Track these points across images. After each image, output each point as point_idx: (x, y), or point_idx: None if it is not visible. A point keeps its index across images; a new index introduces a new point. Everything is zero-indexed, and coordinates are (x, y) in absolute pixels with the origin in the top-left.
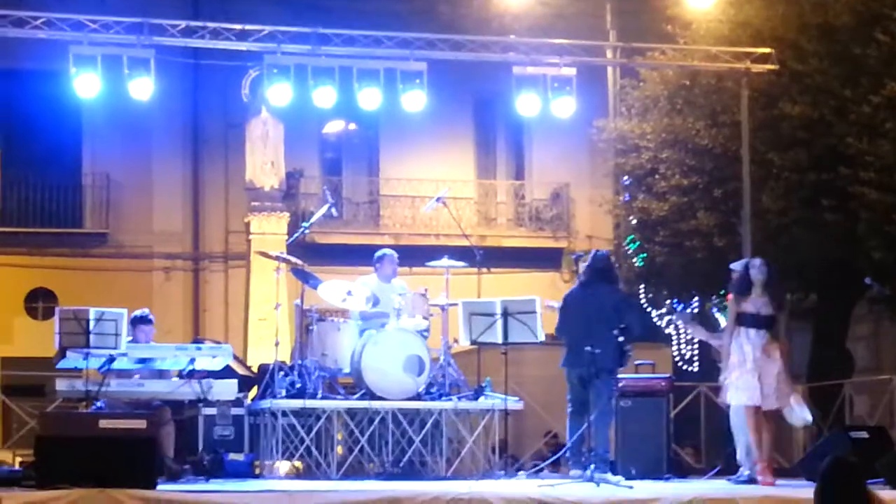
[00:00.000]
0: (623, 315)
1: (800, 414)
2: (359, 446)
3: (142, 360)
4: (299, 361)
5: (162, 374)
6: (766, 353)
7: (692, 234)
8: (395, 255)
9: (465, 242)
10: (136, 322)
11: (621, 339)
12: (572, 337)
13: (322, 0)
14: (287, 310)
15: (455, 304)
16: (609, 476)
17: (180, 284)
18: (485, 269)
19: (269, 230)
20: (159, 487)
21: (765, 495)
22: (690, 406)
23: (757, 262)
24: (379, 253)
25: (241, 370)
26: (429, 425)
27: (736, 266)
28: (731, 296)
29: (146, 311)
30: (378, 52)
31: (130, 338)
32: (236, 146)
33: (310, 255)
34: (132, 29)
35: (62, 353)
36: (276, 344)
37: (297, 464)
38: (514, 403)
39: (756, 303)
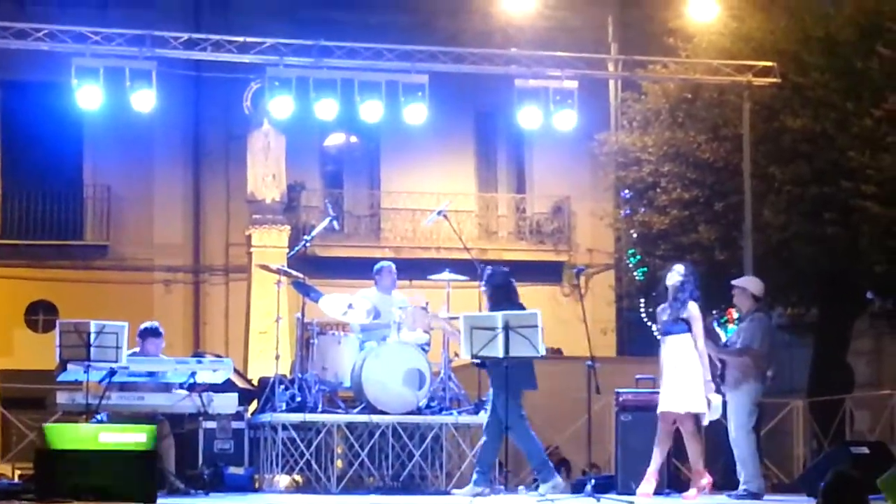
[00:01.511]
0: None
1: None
2: (359, 460)
3: (143, 374)
4: (300, 375)
5: (165, 388)
6: (677, 358)
7: (693, 247)
8: (394, 266)
9: (465, 256)
10: (146, 335)
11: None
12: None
13: (324, 13)
14: (288, 323)
15: (456, 318)
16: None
17: (181, 297)
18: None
19: (270, 243)
20: (159, 501)
21: None
22: None
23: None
24: (378, 265)
25: (241, 383)
26: (429, 439)
27: (736, 282)
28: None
29: (156, 323)
30: (380, 64)
31: (138, 348)
32: (238, 159)
33: (311, 268)
34: (134, 41)
35: (63, 366)
36: (277, 357)
37: (297, 478)
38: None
39: (664, 309)
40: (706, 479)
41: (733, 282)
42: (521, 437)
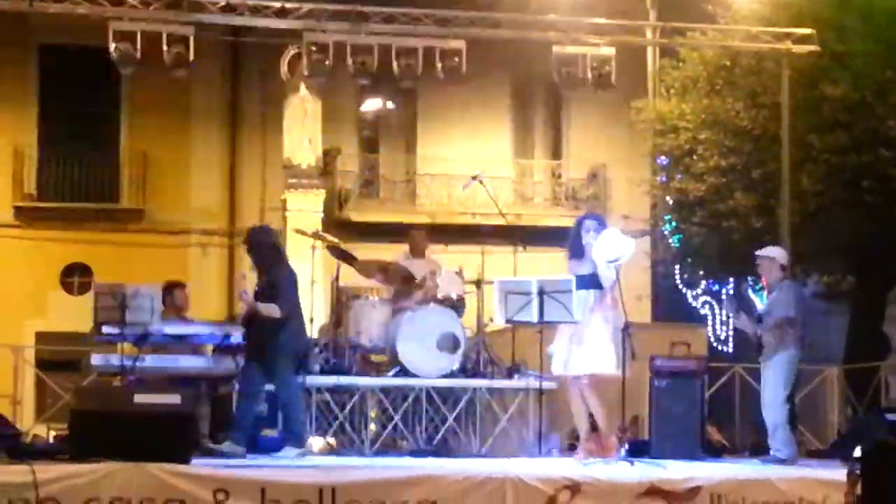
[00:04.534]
0: None
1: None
2: (392, 424)
3: (177, 336)
4: (334, 338)
5: (197, 350)
6: (598, 314)
7: (729, 215)
8: (423, 230)
9: (501, 221)
10: (172, 287)
11: None
12: (301, 317)
13: None
14: (322, 287)
15: (490, 283)
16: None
17: (216, 261)
18: (521, 248)
19: (306, 207)
20: (193, 462)
21: (800, 476)
22: (725, 387)
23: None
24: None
25: None
26: (462, 403)
27: (761, 252)
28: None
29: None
30: (417, 30)
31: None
32: (274, 123)
33: (346, 232)
34: (172, 5)
35: (97, 329)
36: (311, 321)
37: (331, 440)
38: (548, 383)
39: (583, 264)
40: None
41: (758, 252)
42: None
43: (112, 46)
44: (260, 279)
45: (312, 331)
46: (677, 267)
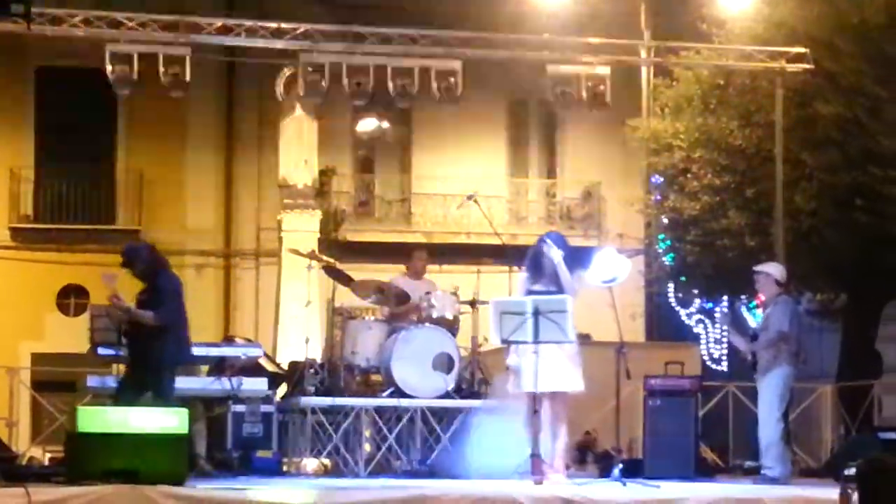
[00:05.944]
0: None
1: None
2: (387, 444)
3: None
4: (329, 359)
5: (191, 371)
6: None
7: (723, 233)
8: (425, 252)
9: (496, 240)
10: None
11: None
12: (185, 327)
13: None
14: (318, 307)
15: (485, 303)
16: None
17: (212, 281)
18: (516, 268)
19: (301, 227)
20: (189, 484)
21: (792, 496)
22: (718, 406)
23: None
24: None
25: (271, 367)
26: (457, 423)
27: (758, 267)
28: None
29: None
30: (413, 50)
31: None
32: (270, 144)
33: (341, 252)
34: (169, 27)
35: (94, 350)
36: (307, 341)
37: (326, 461)
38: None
39: (540, 280)
40: None
41: (756, 267)
42: None
43: (109, 68)
44: (145, 290)
45: (310, 351)
46: (671, 286)
